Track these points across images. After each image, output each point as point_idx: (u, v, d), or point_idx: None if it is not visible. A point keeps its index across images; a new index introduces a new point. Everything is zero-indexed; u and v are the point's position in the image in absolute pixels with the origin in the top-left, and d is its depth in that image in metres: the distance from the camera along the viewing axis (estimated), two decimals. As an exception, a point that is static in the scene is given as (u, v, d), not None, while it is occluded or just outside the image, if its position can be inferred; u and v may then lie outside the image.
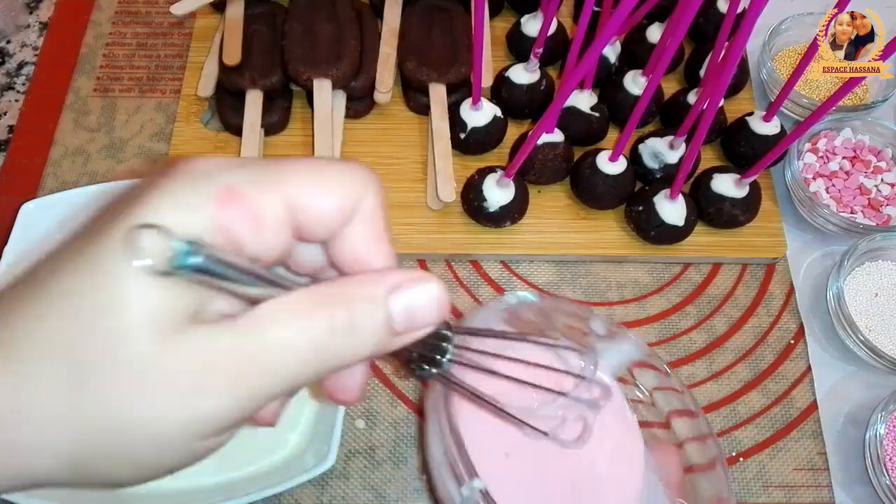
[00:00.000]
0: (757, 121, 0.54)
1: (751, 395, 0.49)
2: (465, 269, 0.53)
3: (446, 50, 0.56)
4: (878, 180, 0.55)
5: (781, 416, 0.49)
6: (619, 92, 0.55)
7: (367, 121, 0.57)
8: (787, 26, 0.60)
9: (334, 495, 0.45)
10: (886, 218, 0.53)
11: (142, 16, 0.63)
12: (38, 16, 0.63)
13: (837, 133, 0.56)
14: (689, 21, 0.41)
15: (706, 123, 0.45)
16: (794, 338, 0.52)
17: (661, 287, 0.53)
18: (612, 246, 0.53)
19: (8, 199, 0.51)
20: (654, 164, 0.53)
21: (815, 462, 0.48)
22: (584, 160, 0.53)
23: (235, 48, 0.54)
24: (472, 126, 0.53)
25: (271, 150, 0.55)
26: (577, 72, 0.41)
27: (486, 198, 0.50)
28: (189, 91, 0.57)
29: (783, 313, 0.52)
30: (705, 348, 0.51)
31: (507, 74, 0.55)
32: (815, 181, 0.55)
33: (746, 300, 0.53)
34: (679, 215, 0.50)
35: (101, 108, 0.58)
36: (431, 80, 0.55)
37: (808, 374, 0.50)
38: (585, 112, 0.54)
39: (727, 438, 0.48)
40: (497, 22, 0.62)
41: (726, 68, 0.43)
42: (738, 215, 0.52)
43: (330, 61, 0.54)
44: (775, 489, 0.47)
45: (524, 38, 0.58)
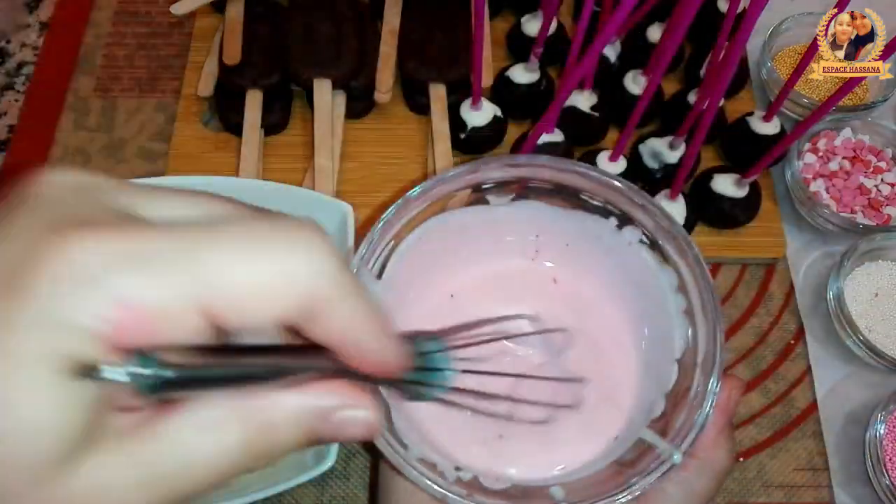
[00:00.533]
0: (757, 121, 0.54)
1: (751, 395, 0.49)
2: (465, 269, 0.52)
3: (446, 50, 0.56)
4: (878, 180, 0.55)
5: (781, 416, 0.49)
6: (619, 92, 0.55)
7: (367, 121, 0.57)
8: (787, 26, 0.60)
9: (334, 495, 0.45)
10: (886, 218, 0.53)
11: (142, 16, 0.63)
12: (38, 16, 0.63)
13: (837, 133, 0.56)
14: (689, 21, 0.41)
15: (706, 123, 0.45)
16: (794, 338, 0.52)
17: (661, 287, 0.53)
18: (612, 246, 0.53)
19: (8, 199, 0.51)
20: (654, 164, 0.53)
21: (815, 462, 0.48)
22: (583, 160, 0.53)
23: (235, 48, 0.54)
24: (472, 126, 0.53)
25: (271, 150, 0.55)
26: (577, 72, 0.41)
27: (486, 198, 0.50)
28: (189, 91, 0.57)
29: (783, 313, 0.52)
30: (705, 348, 0.51)
31: (507, 74, 0.55)
32: (815, 181, 0.55)
33: (746, 300, 0.53)
34: (679, 215, 0.50)
35: (101, 108, 0.58)
36: (431, 80, 0.55)
37: (808, 374, 0.50)
38: (585, 112, 0.54)
39: (727, 438, 0.48)
40: (497, 22, 0.62)
41: (726, 68, 0.43)
42: (738, 215, 0.52)
43: (330, 61, 0.54)
44: (775, 489, 0.47)
45: (524, 38, 0.58)
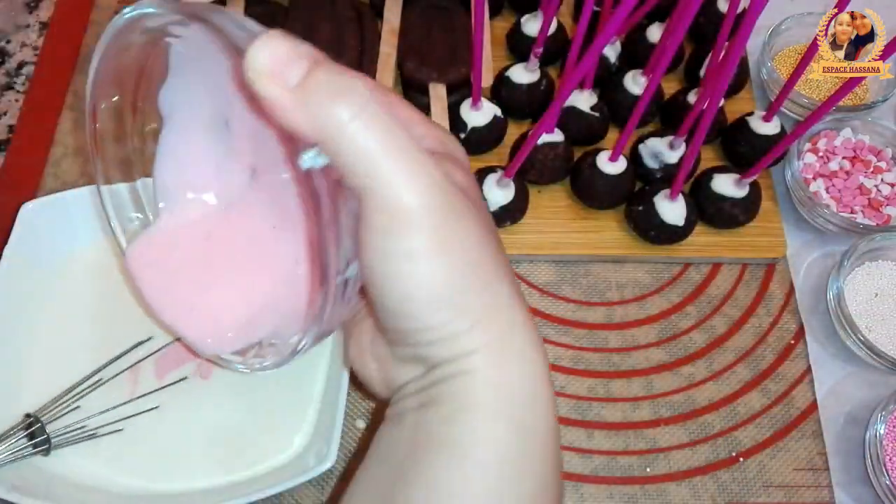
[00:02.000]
0: (757, 121, 0.54)
1: (751, 395, 0.49)
2: (465, 269, 0.52)
3: (446, 50, 0.56)
4: (878, 180, 0.55)
5: (781, 416, 0.49)
6: (619, 92, 0.55)
7: (367, 121, 0.57)
8: (787, 26, 0.60)
9: (334, 495, 0.45)
10: (886, 218, 0.53)
11: (142, 16, 0.63)
12: (38, 16, 0.63)
13: (837, 133, 0.56)
14: (689, 21, 0.41)
15: (706, 123, 0.45)
16: (794, 338, 0.52)
17: (661, 287, 0.53)
18: (612, 246, 0.53)
19: (8, 199, 0.51)
20: (654, 164, 0.53)
21: (815, 462, 0.48)
22: (584, 160, 0.53)
23: (235, 48, 0.54)
24: (472, 126, 0.53)
25: (271, 150, 0.55)
26: (577, 72, 0.41)
27: (487, 198, 0.50)
28: (189, 91, 0.57)
29: (783, 313, 0.52)
30: (705, 348, 0.51)
31: (507, 74, 0.55)
32: (815, 181, 0.55)
33: (746, 300, 0.53)
34: (679, 215, 0.50)
35: (101, 108, 0.58)
36: (431, 80, 0.55)
37: (808, 374, 0.50)
38: (585, 112, 0.54)
39: (727, 438, 0.48)
40: (497, 22, 0.62)
41: (726, 68, 0.43)
42: (738, 215, 0.52)
43: (330, 61, 0.54)
44: (775, 489, 0.47)
45: (524, 37, 0.58)
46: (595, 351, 0.50)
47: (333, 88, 0.21)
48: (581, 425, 0.48)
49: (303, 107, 0.21)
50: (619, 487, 0.46)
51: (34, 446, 0.39)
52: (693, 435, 0.48)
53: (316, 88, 0.21)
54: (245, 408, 0.44)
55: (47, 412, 0.41)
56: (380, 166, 0.21)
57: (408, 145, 0.22)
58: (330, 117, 0.21)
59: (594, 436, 0.47)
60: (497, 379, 0.23)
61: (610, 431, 0.48)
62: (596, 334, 0.51)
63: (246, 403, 0.44)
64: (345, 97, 0.21)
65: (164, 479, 0.41)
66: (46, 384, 0.42)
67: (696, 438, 0.48)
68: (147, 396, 0.43)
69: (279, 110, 0.21)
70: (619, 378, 0.49)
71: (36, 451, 0.40)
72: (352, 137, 0.21)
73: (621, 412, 0.48)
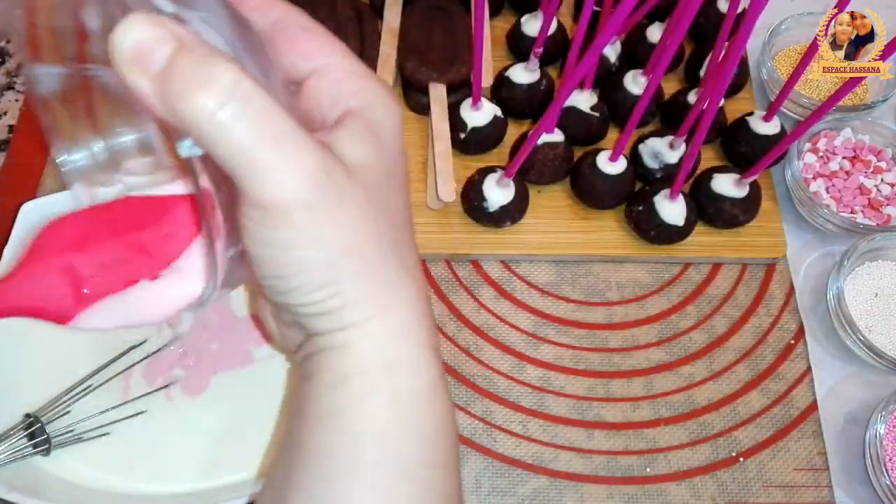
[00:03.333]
0: (757, 121, 0.54)
1: (751, 395, 0.49)
2: (465, 269, 0.53)
3: (446, 50, 0.56)
4: (878, 180, 0.55)
5: (781, 416, 0.49)
6: (619, 92, 0.55)
7: (367, 121, 0.57)
8: (787, 26, 0.60)
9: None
10: (886, 218, 0.53)
11: (142, 16, 0.63)
12: (38, 16, 0.63)
13: (837, 133, 0.56)
14: (689, 21, 0.41)
15: (706, 123, 0.45)
16: (794, 338, 0.52)
17: (661, 287, 0.53)
18: (612, 246, 0.53)
19: (8, 199, 0.51)
20: (654, 164, 0.53)
21: (815, 462, 0.48)
22: (584, 160, 0.53)
23: (235, 48, 0.53)
24: (472, 126, 0.53)
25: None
26: (577, 72, 0.41)
27: (487, 198, 0.50)
28: (189, 91, 0.57)
29: (783, 313, 0.52)
30: (705, 348, 0.51)
31: (507, 74, 0.55)
32: (815, 181, 0.55)
33: (746, 300, 0.53)
34: (679, 215, 0.50)
35: (101, 108, 0.58)
36: (431, 80, 0.55)
37: (808, 374, 0.50)
38: (585, 112, 0.54)
39: (727, 438, 0.48)
40: (497, 22, 0.62)
41: (726, 68, 0.43)
42: (738, 215, 0.52)
43: (330, 61, 0.53)
44: (775, 489, 0.47)
45: (524, 37, 0.58)
46: (595, 351, 0.50)
47: (196, 76, 0.19)
48: (581, 425, 0.48)
49: (165, 96, 0.20)
50: (619, 487, 0.46)
51: (34, 446, 0.40)
52: (693, 435, 0.48)
53: (178, 77, 0.19)
54: (246, 409, 0.44)
55: (47, 412, 0.41)
56: (250, 160, 0.20)
57: (282, 134, 0.21)
58: (194, 108, 0.19)
59: (594, 436, 0.47)
60: (371, 354, 0.24)
61: (610, 431, 0.48)
62: (596, 334, 0.51)
63: (247, 405, 0.44)
64: (209, 86, 0.19)
65: (164, 479, 0.41)
66: (46, 384, 0.42)
67: (696, 438, 0.48)
68: (147, 397, 0.43)
69: (144, 100, 0.20)
70: (619, 378, 0.49)
71: (36, 451, 0.40)
72: (218, 129, 0.20)
73: (621, 412, 0.48)
